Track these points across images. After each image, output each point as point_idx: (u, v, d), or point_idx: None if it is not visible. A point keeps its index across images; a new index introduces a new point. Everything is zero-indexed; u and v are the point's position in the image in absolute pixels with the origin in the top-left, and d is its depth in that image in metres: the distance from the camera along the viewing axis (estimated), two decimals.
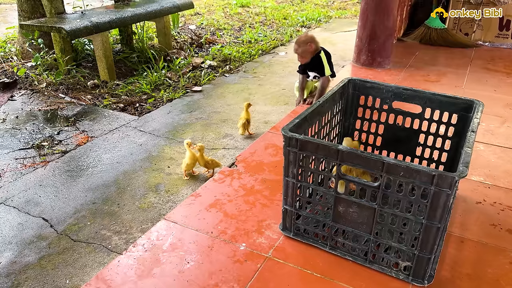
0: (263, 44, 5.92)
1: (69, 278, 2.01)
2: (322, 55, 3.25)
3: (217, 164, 2.80)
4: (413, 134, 2.16)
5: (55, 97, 4.08)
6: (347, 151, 1.50)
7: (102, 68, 4.44)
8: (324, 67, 3.26)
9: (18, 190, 2.67)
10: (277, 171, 2.33)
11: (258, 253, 1.74)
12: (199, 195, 2.15)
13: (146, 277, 1.61)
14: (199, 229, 1.88)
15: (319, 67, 3.28)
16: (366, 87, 2.17)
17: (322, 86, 3.33)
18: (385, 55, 4.18)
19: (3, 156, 3.07)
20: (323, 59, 3.25)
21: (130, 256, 1.71)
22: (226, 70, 5.05)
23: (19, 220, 2.41)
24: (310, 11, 8.24)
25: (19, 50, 5.05)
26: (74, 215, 2.44)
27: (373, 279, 1.62)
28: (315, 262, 1.70)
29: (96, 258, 2.12)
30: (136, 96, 4.19)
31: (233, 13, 8.05)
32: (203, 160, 2.77)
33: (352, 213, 1.63)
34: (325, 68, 3.26)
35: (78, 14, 4.53)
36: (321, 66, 3.27)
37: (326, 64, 3.27)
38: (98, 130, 3.48)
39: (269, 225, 1.91)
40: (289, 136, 1.59)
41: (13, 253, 2.17)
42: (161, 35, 5.40)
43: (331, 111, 2.03)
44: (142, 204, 2.57)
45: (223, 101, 4.16)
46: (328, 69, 3.29)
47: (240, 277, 1.62)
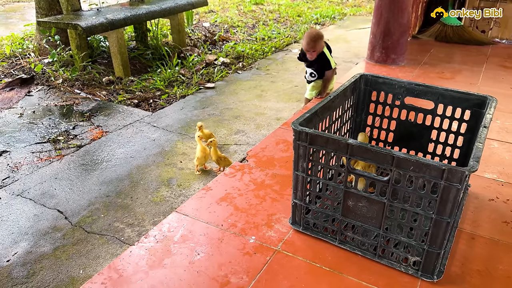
0: (276, 41, 5.93)
1: (83, 268, 2.06)
2: (325, 50, 3.15)
3: (229, 162, 2.82)
4: (425, 130, 2.14)
5: (71, 93, 4.16)
6: (357, 145, 1.50)
7: (117, 65, 4.50)
8: (329, 60, 3.15)
9: (34, 183, 2.73)
10: (287, 166, 2.34)
11: (268, 246, 1.75)
12: (210, 188, 2.17)
13: (157, 268, 1.64)
14: (210, 221, 1.91)
15: (323, 62, 3.16)
16: (378, 83, 2.16)
17: (327, 79, 3.25)
18: (399, 52, 4.14)
19: (20, 150, 3.15)
20: (326, 54, 3.15)
21: (142, 247, 1.74)
22: (239, 67, 5.07)
23: (35, 211, 2.47)
24: (324, 8, 8.21)
25: (36, 46, 5.15)
26: (88, 207, 2.49)
27: (382, 274, 1.62)
28: (324, 256, 1.70)
29: (109, 250, 2.17)
30: (150, 92, 4.24)
31: (247, 11, 8.07)
32: (216, 155, 2.80)
33: (361, 208, 1.63)
34: (330, 60, 3.15)
35: (94, 11, 4.60)
36: (325, 60, 3.15)
37: (330, 57, 3.18)
38: (112, 125, 3.53)
39: (278, 219, 1.92)
40: (299, 130, 1.60)
41: (29, 244, 2.23)
42: (175, 32, 5.45)
43: (342, 106, 2.03)
44: (155, 198, 2.61)
45: (236, 98, 4.19)
46: (333, 61, 3.20)
47: (249, 269, 1.63)
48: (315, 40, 3.03)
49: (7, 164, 2.96)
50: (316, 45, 3.04)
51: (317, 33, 3.07)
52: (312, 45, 3.04)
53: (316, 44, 3.03)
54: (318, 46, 3.04)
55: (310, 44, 3.03)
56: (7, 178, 2.80)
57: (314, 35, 3.04)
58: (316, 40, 3.04)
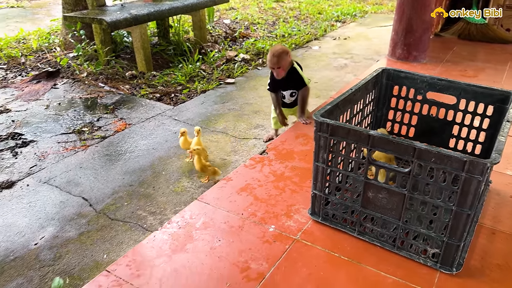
0: (297, 38, 5.94)
1: (107, 253, 2.12)
2: (296, 66, 2.79)
3: (215, 172, 2.67)
4: (446, 126, 2.14)
5: (95, 86, 4.26)
6: (378, 136, 1.52)
7: (139, 60, 4.59)
8: (302, 77, 2.81)
9: (60, 171, 2.82)
10: (307, 159, 2.37)
11: (287, 235, 1.79)
12: (230, 179, 2.22)
13: (179, 252, 1.69)
14: (230, 210, 1.95)
15: (296, 79, 2.80)
16: (400, 77, 2.17)
17: (303, 97, 2.88)
18: (421, 49, 4.11)
19: (47, 140, 3.25)
20: (298, 70, 2.80)
21: (165, 232, 1.80)
22: (259, 63, 5.11)
23: (61, 198, 2.55)
24: (345, 6, 8.17)
25: (62, 41, 5.29)
26: (112, 195, 2.57)
27: (401, 265, 1.63)
28: (343, 246, 1.73)
29: (132, 236, 2.23)
30: (171, 87, 4.31)
31: (267, 8, 8.09)
32: (200, 163, 2.61)
33: (381, 199, 1.64)
34: (303, 77, 2.81)
35: (118, 7, 4.70)
36: (298, 77, 2.80)
37: (303, 73, 2.83)
38: (135, 118, 3.61)
39: (298, 210, 1.95)
40: (320, 121, 1.63)
41: (55, 228, 2.31)
42: (196, 28, 5.51)
43: (363, 100, 2.04)
44: (176, 188, 2.66)
45: (255, 93, 4.22)
46: (306, 77, 2.84)
47: (269, 256, 1.67)
48: (278, 56, 2.64)
49: (34, 153, 3.06)
50: (280, 61, 2.64)
51: (281, 48, 2.68)
52: (275, 61, 2.65)
53: (280, 59, 2.64)
54: (282, 62, 2.65)
55: (273, 60, 2.65)
56: (34, 166, 2.90)
57: (276, 50, 2.65)
58: (280, 55, 2.65)
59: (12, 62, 4.97)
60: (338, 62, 5.03)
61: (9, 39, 5.65)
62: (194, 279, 1.56)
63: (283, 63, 2.67)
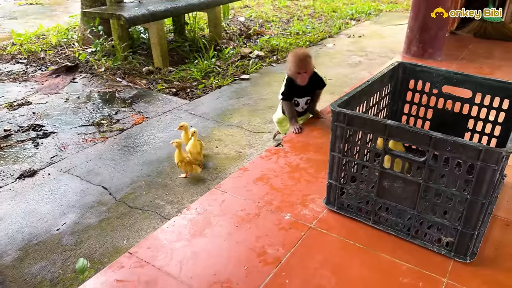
0: (311, 36, 5.96)
1: (126, 240, 2.19)
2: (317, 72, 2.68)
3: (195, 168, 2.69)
4: (462, 119, 2.15)
5: (113, 81, 4.35)
6: (395, 125, 1.55)
7: (156, 55, 4.66)
8: (322, 77, 2.72)
9: (80, 161, 2.90)
10: (322, 152, 2.40)
11: (302, 223, 1.83)
12: (247, 169, 2.26)
13: (198, 236, 1.74)
14: (247, 198, 2.00)
15: (317, 81, 2.69)
16: (416, 71, 2.19)
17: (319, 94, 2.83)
18: (437, 47, 4.11)
19: (67, 131, 3.34)
20: (317, 72, 2.68)
21: (184, 218, 1.85)
22: (273, 60, 5.15)
23: (81, 187, 2.63)
24: (360, 4, 8.16)
25: (80, 36, 5.40)
26: (130, 185, 2.64)
27: (415, 253, 1.66)
28: (358, 234, 1.76)
29: (150, 224, 2.29)
30: (187, 82, 4.38)
31: (281, 6, 8.13)
32: (180, 156, 2.65)
33: (397, 188, 1.67)
34: (322, 78, 2.73)
35: (136, 3, 4.79)
36: (319, 78, 2.69)
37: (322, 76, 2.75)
38: (152, 112, 3.68)
39: (313, 199, 1.99)
40: (337, 111, 1.66)
41: (76, 215, 2.38)
42: (212, 25, 5.58)
43: (379, 93, 2.07)
44: (193, 179, 2.72)
45: (270, 89, 4.26)
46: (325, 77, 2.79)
47: (285, 242, 1.71)
48: (305, 59, 2.51)
49: (55, 144, 3.15)
50: (308, 65, 2.53)
51: (306, 52, 2.58)
52: (304, 65, 2.51)
53: (308, 63, 2.53)
54: (310, 66, 2.55)
55: (301, 64, 2.51)
56: (55, 156, 2.99)
57: (303, 54, 2.53)
58: (307, 59, 2.52)
59: (32, 57, 5.10)
60: (352, 60, 5.05)
61: (29, 35, 5.78)
62: (213, 261, 1.61)
63: (310, 68, 2.55)
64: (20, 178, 2.74)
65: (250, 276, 1.55)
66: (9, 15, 7.77)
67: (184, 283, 1.52)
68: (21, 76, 4.53)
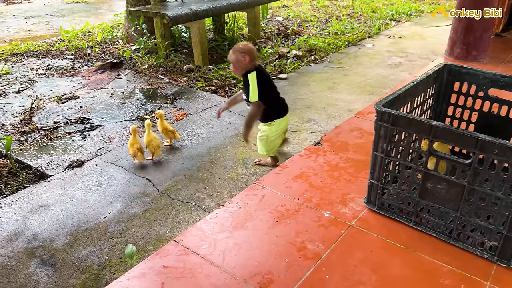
0: (350, 36, 5.93)
1: (169, 229, 2.28)
2: (251, 75, 2.45)
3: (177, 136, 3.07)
4: (508, 123, 2.11)
5: (155, 78, 4.49)
6: (441, 126, 1.55)
7: (197, 54, 4.77)
8: (250, 90, 2.45)
9: (125, 154, 3.03)
10: (362, 152, 2.41)
11: (342, 221, 1.85)
12: (286, 166, 2.30)
13: (240, 229, 1.80)
14: (286, 195, 2.04)
15: (247, 89, 2.50)
16: (462, 73, 2.16)
17: (248, 114, 2.58)
18: (481, 49, 4.00)
19: (112, 125, 3.49)
20: (250, 80, 2.45)
21: (226, 210, 1.92)
22: (311, 60, 5.16)
23: (127, 178, 2.75)
24: (400, 5, 8.02)
25: (124, 34, 5.60)
26: (173, 178, 2.73)
27: (456, 256, 1.65)
28: (398, 235, 1.77)
29: (192, 215, 2.37)
30: (226, 81, 4.46)
31: (320, 6, 8.10)
32: (162, 126, 3.03)
33: (440, 190, 1.67)
34: (251, 91, 2.45)
35: (179, 2, 4.92)
36: (248, 87, 2.49)
37: (254, 87, 2.44)
38: (193, 108, 3.79)
39: (353, 198, 2.01)
40: (382, 110, 1.68)
41: (122, 205, 2.50)
42: (251, 24, 5.64)
43: (423, 94, 2.06)
44: (231, 175, 2.79)
45: (307, 89, 4.28)
46: (255, 93, 2.45)
47: (324, 238, 1.74)
48: (232, 51, 2.46)
49: (101, 137, 3.30)
50: (234, 58, 2.45)
51: (243, 47, 2.45)
52: (230, 56, 2.47)
53: (235, 56, 2.44)
54: (236, 60, 2.45)
55: (230, 55, 2.48)
56: (102, 148, 3.13)
57: (236, 46, 2.47)
58: (234, 51, 2.45)
59: (79, 53, 5.33)
60: (392, 60, 4.99)
61: (76, 32, 6.05)
62: (254, 253, 1.66)
63: (234, 61, 2.47)
64: (69, 168, 2.89)
65: (290, 270, 1.59)
66: (56, 12, 8.14)
67: (227, 272, 1.58)
68: (69, 71, 4.76)
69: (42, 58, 5.27)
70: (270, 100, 2.56)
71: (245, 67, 2.48)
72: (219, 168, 2.85)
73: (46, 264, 2.07)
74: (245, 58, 2.44)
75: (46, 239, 2.24)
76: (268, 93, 2.54)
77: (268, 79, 2.59)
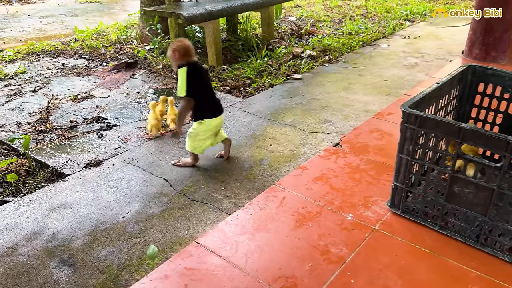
0: (364, 36, 5.88)
1: (187, 230, 2.27)
2: (181, 71, 2.53)
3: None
4: None
5: (170, 78, 4.49)
6: (471, 129, 1.51)
7: (211, 54, 4.77)
8: (178, 85, 2.54)
9: (142, 154, 3.02)
10: (383, 154, 2.38)
11: (365, 225, 1.82)
12: (306, 168, 2.28)
13: (261, 231, 1.78)
14: (307, 197, 2.01)
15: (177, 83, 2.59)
16: (487, 74, 2.12)
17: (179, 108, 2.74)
18: (501, 50, 3.94)
19: (128, 125, 3.49)
20: (179, 75, 2.53)
21: (247, 212, 1.90)
22: (326, 60, 5.12)
23: (144, 178, 2.74)
24: (414, 5, 7.94)
25: (138, 34, 5.61)
26: (190, 178, 2.72)
27: (484, 261, 1.62)
28: (423, 239, 1.73)
29: (210, 216, 2.36)
30: (240, 81, 4.44)
31: (333, 6, 8.06)
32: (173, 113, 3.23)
33: (467, 194, 1.63)
34: (178, 86, 2.53)
35: (193, 2, 4.91)
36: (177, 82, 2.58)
37: (182, 82, 2.52)
38: None
39: (375, 201, 1.97)
40: (408, 112, 1.65)
41: (140, 205, 2.49)
42: (264, 24, 5.62)
43: (448, 95, 2.02)
44: (248, 175, 2.77)
45: (322, 89, 4.25)
46: (182, 88, 2.52)
47: (348, 242, 1.71)
48: (170, 48, 2.56)
49: (118, 136, 3.30)
50: (168, 53, 2.58)
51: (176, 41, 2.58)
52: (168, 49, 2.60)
53: (168, 51, 2.57)
54: (169, 55, 2.58)
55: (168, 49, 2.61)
56: (119, 148, 3.13)
57: (172, 42, 2.59)
58: (171, 47, 2.55)
59: (94, 52, 5.36)
60: (408, 61, 4.93)
61: (90, 31, 6.08)
62: (277, 256, 1.64)
63: (168, 56, 2.62)
64: (87, 167, 2.89)
65: (314, 273, 1.56)
66: (71, 12, 8.21)
67: (250, 274, 1.56)
68: (84, 71, 4.78)
69: (57, 57, 5.30)
70: (201, 98, 2.62)
71: (176, 62, 2.57)
72: (236, 168, 2.84)
73: (65, 263, 2.07)
74: (175, 54, 2.53)
75: (65, 238, 2.24)
76: (200, 91, 2.60)
77: (201, 77, 2.62)
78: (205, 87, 2.66)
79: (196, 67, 2.59)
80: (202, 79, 2.63)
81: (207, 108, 2.67)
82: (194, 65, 2.58)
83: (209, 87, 2.71)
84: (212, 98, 2.72)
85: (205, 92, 2.67)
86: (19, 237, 2.24)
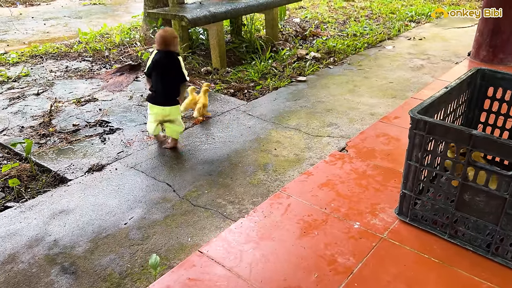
0: (369, 38, 5.82)
1: (191, 237, 2.23)
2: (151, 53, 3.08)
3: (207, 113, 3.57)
4: None
5: None
6: (482, 136, 1.47)
7: (215, 56, 4.73)
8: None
9: (145, 158, 2.99)
10: (389, 159, 2.33)
11: (373, 233, 1.78)
12: (311, 174, 2.24)
13: (266, 240, 1.74)
14: (313, 204, 1.97)
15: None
16: (497, 78, 2.07)
17: None
18: (509, 52, 3.88)
19: (132, 128, 3.46)
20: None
21: (251, 219, 1.86)
22: (330, 62, 5.07)
23: (147, 183, 2.71)
24: (419, 6, 7.88)
25: (142, 36, 5.59)
26: (193, 183, 2.69)
27: (495, 271, 1.57)
28: (432, 248, 1.69)
29: (213, 222, 2.32)
30: (244, 83, 4.41)
31: (337, 7, 8.01)
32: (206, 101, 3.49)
33: (478, 202, 1.58)
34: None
35: (197, 4, 4.89)
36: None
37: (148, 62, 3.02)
38: (211, 112, 3.74)
39: (383, 209, 1.93)
40: (417, 118, 1.60)
41: (143, 210, 2.46)
42: (269, 26, 5.59)
43: (457, 100, 1.98)
44: (252, 180, 2.73)
45: (327, 92, 4.20)
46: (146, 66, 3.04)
47: (355, 251, 1.67)
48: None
49: (121, 140, 3.27)
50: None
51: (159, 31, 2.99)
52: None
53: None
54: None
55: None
56: (121, 152, 3.10)
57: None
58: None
59: (97, 55, 5.34)
60: (413, 63, 4.88)
61: (93, 34, 6.07)
62: (282, 266, 1.60)
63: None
64: (89, 172, 2.86)
65: (321, 284, 1.52)
66: (74, 14, 8.21)
67: (254, 286, 1.52)
68: (87, 73, 4.76)
69: (61, 60, 5.29)
70: (153, 83, 3.00)
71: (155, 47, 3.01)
72: (239, 173, 2.80)
73: (67, 271, 2.04)
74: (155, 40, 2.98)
75: (66, 245, 2.21)
76: (152, 76, 2.98)
77: (156, 64, 2.94)
78: (158, 75, 2.96)
79: (160, 54, 2.93)
80: (158, 67, 2.94)
81: (152, 94, 3.01)
82: (160, 53, 2.94)
83: (163, 77, 2.97)
84: (162, 88, 2.98)
85: (156, 79, 2.97)
86: (20, 244, 2.21)
